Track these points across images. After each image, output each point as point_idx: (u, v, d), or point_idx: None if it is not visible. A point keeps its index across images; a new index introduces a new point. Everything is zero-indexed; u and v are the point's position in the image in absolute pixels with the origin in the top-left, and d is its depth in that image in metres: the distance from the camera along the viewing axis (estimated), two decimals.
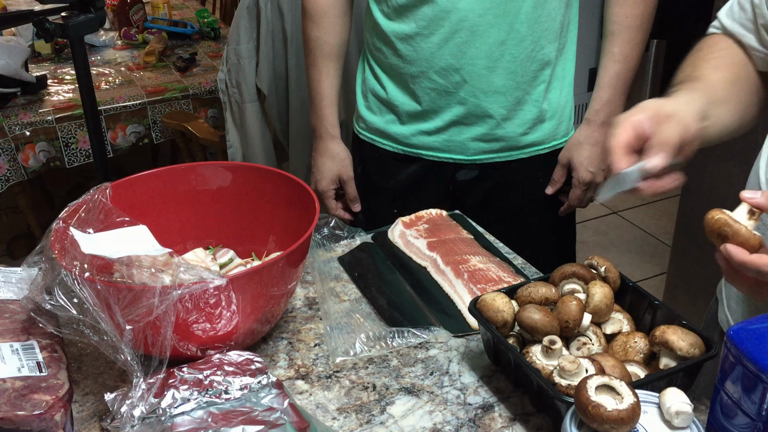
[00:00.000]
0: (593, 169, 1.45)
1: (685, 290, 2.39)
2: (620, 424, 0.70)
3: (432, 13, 1.32)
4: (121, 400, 0.80)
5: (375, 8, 1.41)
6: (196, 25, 3.07)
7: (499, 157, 1.45)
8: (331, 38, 1.48)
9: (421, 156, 1.47)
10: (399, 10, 1.36)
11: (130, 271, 0.85)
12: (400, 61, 1.40)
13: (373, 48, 1.45)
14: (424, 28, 1.34)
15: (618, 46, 1.40)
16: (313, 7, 1.47)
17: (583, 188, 1.47)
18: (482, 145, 1.43)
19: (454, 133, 1.42)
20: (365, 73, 1.51)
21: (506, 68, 1.35)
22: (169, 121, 2.46)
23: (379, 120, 1.49)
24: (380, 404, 0.90)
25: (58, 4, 1.52)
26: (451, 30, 1.32)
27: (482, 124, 1.40)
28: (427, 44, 1.35)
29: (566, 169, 1.47)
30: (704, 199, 2.22)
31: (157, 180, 1.09)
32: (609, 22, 1.40)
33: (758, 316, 0.70)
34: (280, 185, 1.07)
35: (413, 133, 1.45)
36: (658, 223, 3.31)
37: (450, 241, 1.22)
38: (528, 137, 1.44)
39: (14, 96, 2.43)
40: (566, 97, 1.46)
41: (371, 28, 1.44)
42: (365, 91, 1.51)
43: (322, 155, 1.55)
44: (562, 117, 1.47)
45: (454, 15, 1.31)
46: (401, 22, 1.36)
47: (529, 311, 0.88)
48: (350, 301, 1.10)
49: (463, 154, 1.44)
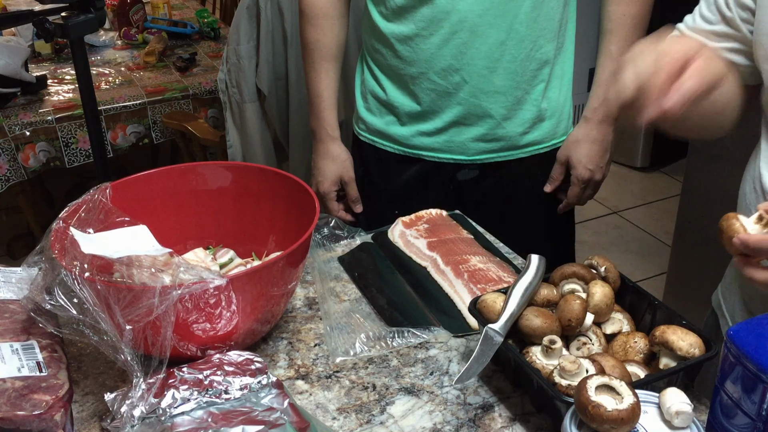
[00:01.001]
0: (592, 166, 1.45)
1: (685, 290, 2.38)
2: (620, 424, 0.70)
3: (431, 14, 1.32)
4: (121, 400, 0.80)
5: (373, 10, 1.41)
6: (196, 25, 3.07)
7: (499, 156, 1.45)
8: (329, 40, 1.48)
9: (421, 157, 1.47)
10: (398, 11, 1.36)
11: (130, 271, 0.85)
12: (399, 62, 1.40)
13: (372, 49, 1.45)
14: (423, 29, 1.34)
15: (615, 44, 1.40)
16: (310, 9, 1.47)
17: (581, 186, 1.47)
18: (482, 145, 1.43)
19: (455, 134, 1.42)
20: (364, 74, 1.51)
21: (506, 68, 1.35)
22: (169, 121, 2.46)
23: (379, 121, 1.49)
24: (380, 404, 0.90)
25: (58, 4, 1.52)
26: (450, 31, 1.32)
27: (482, 124, 1.40)
28: (426, 45, 1.35)
29: (565, 166, 1.47)
30: (704, 199, 2.22)
31: (157, 180, 1.08)
32: (606, 20, 1.41)
33: (758, 316, 0.70)
34: (280, 185, 1.07)
35: (413, 134, 1.45)
36: (658, 223, 3.31)
37: (450, 241, 1.22)
38: (528, 136, 1.44)
39: (14, 96, 2.42)
40: (565, 95, 1.47)
41: (369, 30, 1.44)
42: (364, 92, 1.51)
43: (323, 157, 1.55)
44: (562, 116, 1.47)
45: (453, 16, 1.31)
46: (400, 24, 1.36)
47: (528, 317, 0.88)
48: (350, 301, 1.10)
49: (463, 155, 1.44)
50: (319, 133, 1.54)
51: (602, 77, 1.42)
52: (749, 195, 0.98)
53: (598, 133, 1.43)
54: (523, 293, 0.90)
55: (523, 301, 0.89)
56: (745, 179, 1.01)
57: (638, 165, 3.69)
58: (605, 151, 1.45)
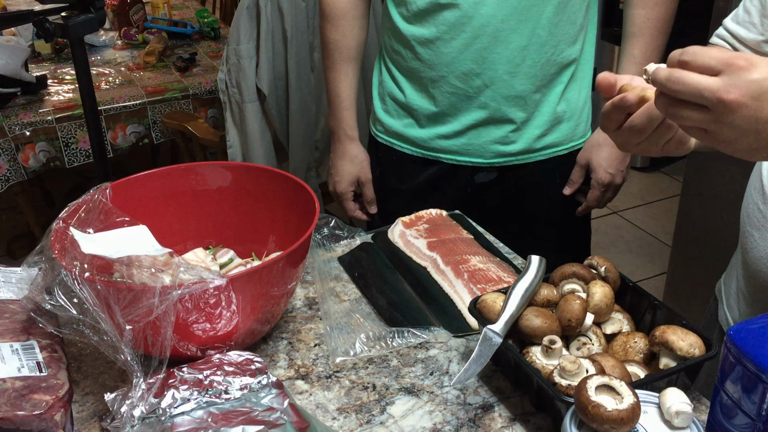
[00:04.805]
0: (612, 170, 1.44)
1: (685, 290, 2.38)
2: (620, 424, 0.70)
3: (453, 18, 1.31)
4: (121, 400, 0.80)
5: (394, 11, 1.40)
6: (196, 25, 3.07)
7: (517, 159, 1.44)
8: (349, 40, 1.47)
9: (439, 159, 1.46)
10: (419, 14, 1.34)
11: (130, 271, 0.85)
12: (420, 64, 1.38)
13: (392, 51, 1.44)
14: (445, 32, 1.33)
15: (638, 48, 1.38)
16: (331, 10, 1.46)
17: (601, 189, 1.46)
18: (501, 148, 1.42)
19: (473, 137, 1.41)
20: (382, 75, 1.50)
21: (527, 73, 1.34)
22: (169, 121, 2.46)
23: (397, 123, 1.48)
24: (380, 404, 0.90)
25: (58, 4, 1.52)
26: (472, 35, 1.31)
27: (502, 127, 1.40)
28: (448, 49, 1.34)
29: (585, 169, 1.47)
30: (704, 199, 2.22)
31: (157, 180, 1.08)
32: (629, 23, 1.39)
33: (758, 316, 0.70)
34: (280, 185, 1.07)
35: (432, 137, 1.44)
36: (658, 223, 3.31)
37: (450, 241, 1.22)
38: (546, 139, 1.43)
39: (14, 96, 2.42)
40: (584, 98, 1.46)
41: (390, 31, 1.43)
42: (383, 93, 1.50)
43: (341, 157, 1.54)
44: (580, 118, 1.46)
45: (476, 20, 1.30)
46: (421, 26, 1.35)
47: (528, 317, 0.88)
48: (350, 301, 1.10)
49: (481, 157, 1.44)
50: (338, 133, 1.53)
51: None
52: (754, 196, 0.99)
53: None
54: (523, 294, 0.90)
55: (523, 302, 0.89)
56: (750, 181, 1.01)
57: (638, 165, 3.70)
58: (626, 155, 1.45)
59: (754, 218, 0.98)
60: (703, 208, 2.22)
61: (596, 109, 1.55)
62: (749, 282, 1.02)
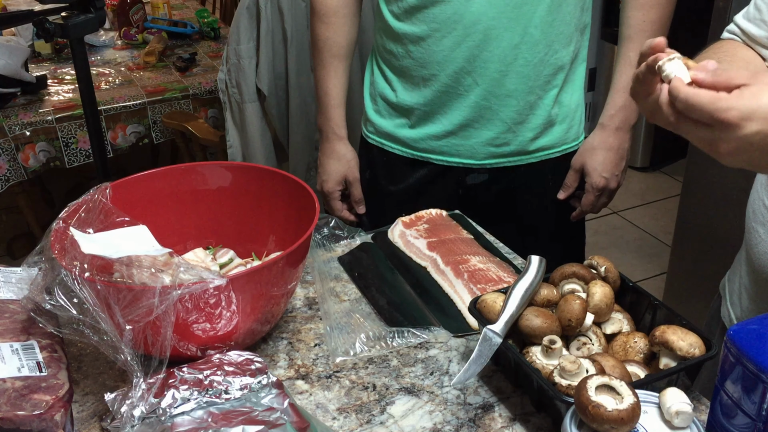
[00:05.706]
0: (607, 174, 1.42)
1: (685, 290, 2.38)
2: (620, 424, 0.70)
3: (444, 15, 1.31)
4: (121, 400, 0.80)
5: (385, 9, 1.40)
6: (196, 25, 3.07)
7: (509, 161, 1.43)
8: (340, 38, 1.47)
9: (430, 160, 1.46)
10: (410, 11, 1.34)
11: (130, 271, 0.85)
12: (412, 62, 1.38)
13: (384, 50, 1.44)
14: (435, 30, 1.32)
15: (634, 50, 1.37)
16: (322, 7, 1.45)
17: (596, 194, 1.45)
18: (492, 149, 1.42)
19: (464, 137, 1.41)
20: (374, 75, 1.49)
21: (519, 72, 1.34)
22: (169, 121, 2.46)
23: (388, 124, 1.48)
24: (380, 404, 0.90)
25: (58, 4, 1.52)
26: (464, 33, 1.31)
27: (492, 128, 1.39)
28: (439, 47, 1.33)
29: (579, 173, 1.45)
30: (704, 199, 2.22)
31: (157, 180, 1.08)
32: (625, 26, 1.38)
33: (758, 316, 0.70)
34: (280, 185, 1.07)
35: (422, 137, 1.44)
36: (658, 223, 3.31)
37: (450, 241, 1.22)
38: (538, 141, 1.42)
39: (14, 96, 2.42)
40: (577, 101, 1.45)
41: (382, 30, 1.43)
42: (374, 94, 1.50)
43: (329, 156, 1.54)
44: (573, 121, 1.45)
45: (467, 18, 1.29)
46: (412, 24, 1.35)
47: (528, 317, 0.88)
48: (350, 301, 1.10)
49: (472, 158, 1.43)
50: (326, 132, 1.53)
51: (620, 84, 1.39)
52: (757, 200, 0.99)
53: (614, 141, 1.40)
54: (523, 294, 0.90)
55: (523, 302, 0.89)
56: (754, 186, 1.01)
57: (638, 165, 3.69)
58: (621, 159, 1.43)
59: (759, 214, 0.98)
60: (703, 208, 2.22)
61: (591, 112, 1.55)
62: (753, 278, 1.02)
